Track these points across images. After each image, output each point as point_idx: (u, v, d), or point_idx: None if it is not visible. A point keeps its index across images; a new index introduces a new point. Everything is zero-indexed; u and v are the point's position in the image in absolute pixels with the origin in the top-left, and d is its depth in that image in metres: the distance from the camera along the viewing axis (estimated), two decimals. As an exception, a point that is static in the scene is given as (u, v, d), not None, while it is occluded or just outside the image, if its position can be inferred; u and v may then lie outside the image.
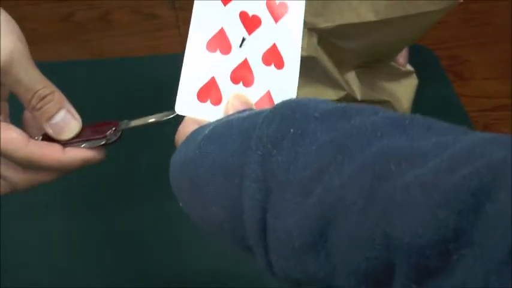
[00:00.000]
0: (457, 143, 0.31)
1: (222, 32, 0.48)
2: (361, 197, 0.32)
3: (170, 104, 0.57)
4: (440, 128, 0.34)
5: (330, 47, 0.68)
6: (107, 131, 0.50)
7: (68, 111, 0.50)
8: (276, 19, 0.49)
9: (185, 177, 0.41)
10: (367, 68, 0.74)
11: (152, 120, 0.51)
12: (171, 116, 0.50)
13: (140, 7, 0.94)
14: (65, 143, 0.50)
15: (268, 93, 0.48)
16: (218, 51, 0.48)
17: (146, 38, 0.91)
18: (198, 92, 0.47)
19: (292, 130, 0.36)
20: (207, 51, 0.47)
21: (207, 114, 0.47)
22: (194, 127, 0.44)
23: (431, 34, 0.92)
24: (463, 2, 0.95)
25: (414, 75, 0.79)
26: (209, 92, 0.47)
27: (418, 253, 0.29)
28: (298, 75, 0.48)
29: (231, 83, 0.47)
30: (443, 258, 0.29)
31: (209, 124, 0.42)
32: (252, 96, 0.47)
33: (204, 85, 0.47)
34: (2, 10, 0.49)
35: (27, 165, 0.49)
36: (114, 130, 0.50)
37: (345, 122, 0.35)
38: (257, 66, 0.48)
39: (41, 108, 0.50)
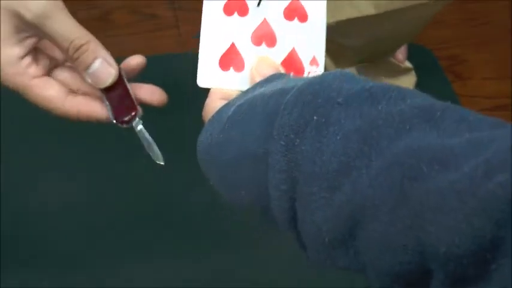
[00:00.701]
0: (492, 142, 0.30)
1: None
2: (391, 197, 0.31)
3: (170, 103, 0.57)
4: (473, 120, 0.32)
5: (329, 44, 0.68)
6: (124, 116, 0.52)
7: (104, 59, 0.52)
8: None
9: (212, 161, 0.41)
10: (367, 64, 0.75)
11: (152, 147, 0.53)
12: (160, 163, 0.51)
13: (140, 7, 0.95)
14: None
15: (294, 50, 0.45)
16: (236, 14, 0.45)
17: (146, 38, 0.91)
18: (220, 60, 0.45)
19: (315, 117, 0.35)
20: (224, 16, 0.45)
21: (232, 83, 0.45)
22: (220, 103, 0.43)
23: (430, 34, 0.92)
24: (461, 2, 0.96)
25: (413, 72, 0.80)
26: (231, 58, 0.45)
27: (455, 262, 0.28)
28: (325, 26, 0.45)
29: (252, 45, 0.45)
30: (481, 267, 0.28)
31: (234, 101, 0.41)
32: (277, 56, 0.45)
33: (224, 52, 0.45)
34: None
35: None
36: (132, 116, 0.52)
37: (371, 108, 0.34)
38: (279, 23, 0.45)
39: (77, 58, 0.51)
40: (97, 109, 0.53)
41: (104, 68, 0.52)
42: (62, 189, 0.73)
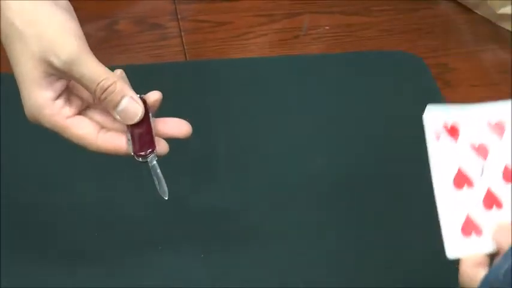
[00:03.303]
0: None
1: (462, 168, 0.52)
2: None
3: (171, 109, 0.61)
4: None
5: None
6: (142, 151, 0.57)
7: (131, 97, 0.56)
8: (500, 136, 0.53)
9: None
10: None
11: (162, 183, 0.58)
12: (164, 197, 0.58)
13: (145, 18, 0.98)
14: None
15: None
16: (465, 187, 0.52)
17: (150, 48, 0.94)
18: (461, 230, 0.51)
19: None
20: (455, 190, 0.52)
21: (477, 248, 0.50)
22: (475, 271, 0.47)
23: (421, 44, 0.96)
24: (450, 13, 0.99)
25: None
26: (469, 227, 0.51)
27: None
28: None
29: (484, 210, 0.51)
30: None
31: (495, 270, 0.44)
32: (508, 214, 0.51)
33: (464, 223, 0.51)
34: (60, 11, 0.54)
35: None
36: (149, 152, 0.57)
37: None
38: (501, 187, 0.51)
39: (105, 98, 0.55)
40: (123, 144, 0.57)
41: (131, 105, 0.56)
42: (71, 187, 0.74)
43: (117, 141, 0.56)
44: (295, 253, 0.70)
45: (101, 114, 0.57)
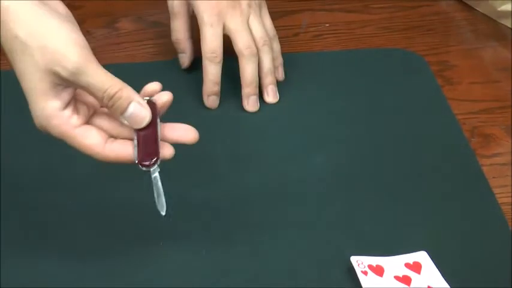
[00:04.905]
0: None
1: None
2: None
3: (173, 104, 0.61)
4: None
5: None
6: (145, 160, 0.58)
7: (138, 103, 0.56)
8: (418, 272, 0.65)
9: None
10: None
11: (161, 197, 0.59)
12: (161, 213, 0.60)
13: (144, 16, 0.98)
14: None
15: None
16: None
17: (150, 45, 0.94)
18: None
19: None
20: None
21: None
22: None
23: (421, 41, 0.96)
24: (450, 10, 0.99)
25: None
26: None
27: None
28: None
29: None
30: None
31: None
32: None
33: None
34: (63, 21, 0.55)
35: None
36: (153, 162, 0.58)
37: None
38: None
39: (113, 105, 0.56)
40: (130, 154, 0.57)
41: (138, 111, 0.57)
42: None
43: (124, 151, 0.57)
44: (297, 249, 0.70)
45: (108, 120, 0.58)
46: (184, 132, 0.60)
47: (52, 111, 0.55)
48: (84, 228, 0.70)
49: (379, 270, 0.65)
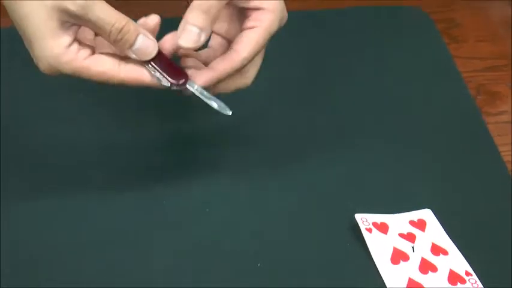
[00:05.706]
0: None
1: (395, 250, 0.64)
2: None
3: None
4: None
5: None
6: (178, 79, 0.58)
7: (144, 35, 0.57)
8: (422, 229, 0.66)
9: None
10: None
11: (213, 104, 0.59)
12: (227, 113, 0.59)
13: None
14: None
15: (451, 271, 0.63)
16: (401, 261, 0.63)
17: (156, 4, 0.93)
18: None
19: None
20: (393, 266, 0.63)
21: None
22: None
23: (427, -1, 0.95)
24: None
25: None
26: (413, 285, 0.62)
27: None
28: (462, 256, 0.65)
29: (422, 275, 0.62)
30: None
31: None
32: (443, 277, 0.63)
33: (407, 284, 0.62)
34: None
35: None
36: (183, 82, 0.58)
37: None
38: (433, 258, 0.64)
39: (121, 39, 0.56)
40: (146, 74, 0.58)
41: (146, 42, 0.58)
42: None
43: (140, 72, 0.58)
44: (302, 207, 0.70)
45: (112, 51, 0.59)
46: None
47: (61, 49, 0.56)
48: (82, 225, 0.68)
49: (383, 228, 0.65)
